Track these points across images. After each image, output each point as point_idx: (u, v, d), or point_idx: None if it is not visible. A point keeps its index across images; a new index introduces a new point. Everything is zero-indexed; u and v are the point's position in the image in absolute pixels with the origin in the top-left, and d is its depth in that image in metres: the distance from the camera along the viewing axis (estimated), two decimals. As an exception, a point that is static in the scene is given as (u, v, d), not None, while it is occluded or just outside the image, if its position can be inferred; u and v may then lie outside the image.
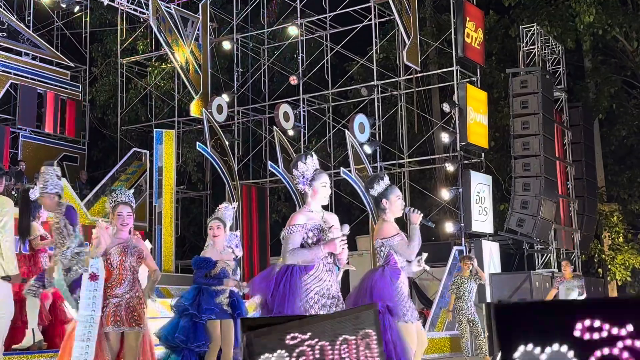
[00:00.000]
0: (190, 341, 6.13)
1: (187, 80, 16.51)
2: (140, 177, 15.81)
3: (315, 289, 4.44)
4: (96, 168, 19.41)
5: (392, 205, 5.18)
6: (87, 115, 18.38)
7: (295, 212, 4.67)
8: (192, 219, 19.56)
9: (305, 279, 4.44)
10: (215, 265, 6.35)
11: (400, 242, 5.05)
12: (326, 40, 17.79)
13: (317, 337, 2.09)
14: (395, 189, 5.26)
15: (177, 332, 6.12)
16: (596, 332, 1.68)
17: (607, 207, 18.83)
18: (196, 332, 6.16)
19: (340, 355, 2.12)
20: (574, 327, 1.70)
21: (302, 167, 4.61)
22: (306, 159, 4.62)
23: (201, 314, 6.18)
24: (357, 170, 14.49)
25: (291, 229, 4.47)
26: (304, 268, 4.45)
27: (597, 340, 1.68)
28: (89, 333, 4.95)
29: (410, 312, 5.00)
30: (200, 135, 17.28)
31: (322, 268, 4.51)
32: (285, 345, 2.03)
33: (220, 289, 6.38)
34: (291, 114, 16.04)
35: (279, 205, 19.59)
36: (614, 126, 19.96)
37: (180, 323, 6.19)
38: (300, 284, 4.39)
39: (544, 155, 14.82)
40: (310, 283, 4.45)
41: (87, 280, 5.07)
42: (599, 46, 20.19)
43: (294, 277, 4.40)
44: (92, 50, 19.73)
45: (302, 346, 2.06)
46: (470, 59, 15.18)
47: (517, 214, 14.70)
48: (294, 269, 4.43)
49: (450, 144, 15.21)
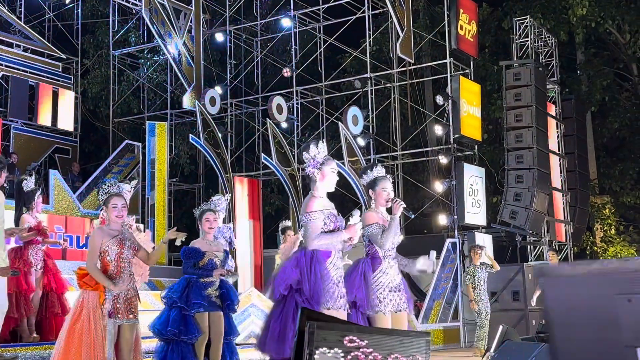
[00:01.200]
0: (182, 333, 6.16)
1: (180, 72, 16.44)
2: (132, 170, 15.75)
3: (333, 278, 4.53)
4: (88, 160, 19.35)
5: (377, 197, 5.19)
6: (79, 108, 18.29)
7: (308, 198, 4.69)
8: (185, 212, 19.52)
9: (326, 267, 4.51)
10: (203, 256, 6.35)
11: (375, 231, 5.04)
12: (319, 33, 17.75)
13: (373, 347, 2.24)
14: (383, 181, 5.22)
15: (170, 325, 6.13)
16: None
17: (599, 200, 18.91)
18: (187, 324, 6.18)
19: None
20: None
21: (313, 151, 4.69)
22: (318, 143, 4.68)
23: (189, 308, 6.20)
24: (351, 162, 14.48)
25: (310, 217, 4.55)
26: (324, 255, 4.50)
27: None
28: None
29: (385, 303, 4.98)
30: (193, 128, 17.24)
31: (337, 255, 4.58)
32: (342, 345, 2.16)
33: (209, 281, 6.38)
34: (284, 106, 16.01)
35: (272, 197, 19.58)
36: (606, 119, 20.03)
37: (171, 316, 6.20)
38: (325, 273, 4.45)
39: (537, 147, 14.85)
40: (330, 271, 4.54)
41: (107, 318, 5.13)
42: (592, 39, 20.25)
43: (321, 265, 4.47)
44: (84, 42, 19.62)
45: (357, 351, 2.20)
46: (463, 51, 15.18)
47: (510, 206, 14.74)
48: (320, 256, 4.49)
49: (443, 137, 15.22)
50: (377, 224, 5.06)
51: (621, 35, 20.06)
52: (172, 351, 6.17)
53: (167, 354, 6.20)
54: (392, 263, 5.13)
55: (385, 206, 5.21)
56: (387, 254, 5.10)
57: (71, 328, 5.10)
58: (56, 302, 7.75)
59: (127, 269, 5.31)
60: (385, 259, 5.08)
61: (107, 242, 5.25)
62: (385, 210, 5.29)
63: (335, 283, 4.53)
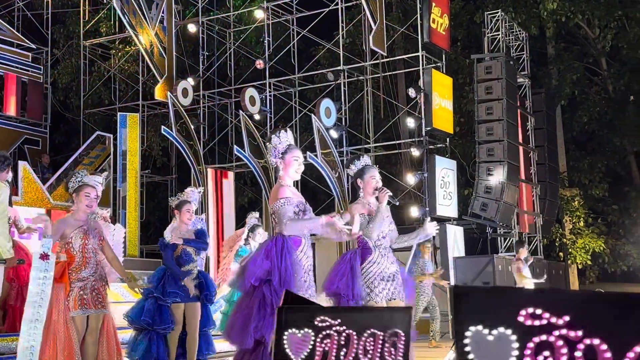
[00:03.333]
0: (156, 323, 6.16)
1: (152, 63, 16.32)
2: (104, 161, 15.61)
3: (304, 266, 4.55)
4: (58, 152, 19.12)
5: (366, 185, 5.21)
6: (49, 98, 18.06)
7: (277, 185, 4.70)
8: (157, 204, 19.42)
9: (297, 255, 4.52)
10: (176, 247, 6.36)
11: (361, 221, 5.06)
12: (292, 25, 17.72)
13: (346, 325, 2.18)
14: (371, 169, 5.26)
15: (143, 314, 6.13)
16: (537, 319, 1.81)
17: (569, 192, 19.18)
18: (162, 315, 6.18)
19: (364, 346, 2.19)
20: (519, 313, 1.82)
21: (275, 141, 4.70)
22: (280, 133, 4.68)
23: (165, 297, 6.20)
24: (324, 154, 14.51)
25: (283, 202, 4.54)
26: (294, 244, 4.51)
27: (537, 326, 1.81)
28: (37, 314, 4.87)
29: (377, 292, 5.01)
30: (165, 119, 17.12)
31: (307, 243, 4.59)
32: (313, 326, 2.14)
33: (186, 270, 6.39)
34: (257, 98, 15.97)
35: (245, 189, 19.54)
36: (575, 112, 20.29)
37: (145, 306, 6.20)
38: (297, 262, 4.46)
39: (507, 140, 15.01)
40: (302, 260, 4.54)
41: (37, 259, 4.97)
42: (562, 33, 20.47)
43: (292, 254, 4.48)
44: (54, 32, 19.36)
45: (330, 330, 2.16)
46: (435, 44, 15.27)
47: (481, 198, 14.89)
48: (290, 245, 4.49)
49: (415, 129, 15.32)
50: (363, 215, 5.07)
51: (591, 29, 20.32)
52: (143, 341, 6.17)
53: (138, 343, 6.20)
54: (385, 252, 5.13)
55: (373, 195, 5.19)
56: (378, 244, 5.10)
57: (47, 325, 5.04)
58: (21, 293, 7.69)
59: (93, 259, 5.26)
60: (376, 249, 5.09)
61: (71, 233, 5.19)
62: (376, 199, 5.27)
63: (307, 272, 4.56)
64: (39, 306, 4.87)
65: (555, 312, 1.80)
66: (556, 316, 1.80)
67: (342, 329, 2.18)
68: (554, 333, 1.80)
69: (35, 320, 4.88)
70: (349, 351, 2.17)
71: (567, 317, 1.79)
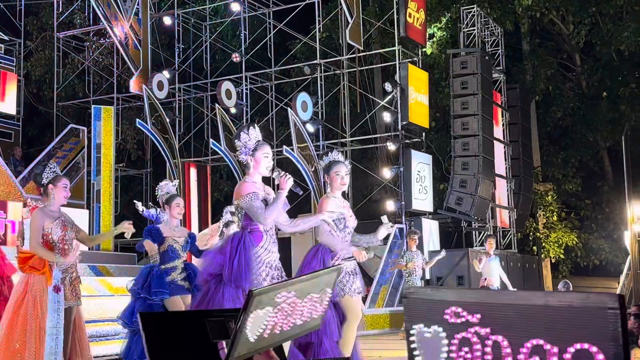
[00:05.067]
0: None
1: (127, 55, 16.17)
2: (77, 155, 15.45)
3: (265, 261, 4.50)
4: (31, 145, 18.90)
5: (331, 181, 5.19)
6: (22, 91, 17.82)
7: (241, 182, 4.66)
8: (132, 197, 19.25)
9: (256, 251, 4.47)
10: (164, 240, 6.33)
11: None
12: (269, 18, 17.66)
13: (295, 296, 2.44)
14: (337, 165, 5.19)
15: (134, 315, 6.13)
16: (458, 317, 2.01)
17: (542, 187, 19.38)
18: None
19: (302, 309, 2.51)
20: (445, 312, 2.02)
21: (244, 138, 4.62)
22: (249, 130, 4.63)
23: (152, 296, 6.19)
24: (300, 148, 14.51)
25: (250, 197, 4.48)
26: (255, 240, 4.48)
27: (458, 324, 2.01)
28: (56, 346, 5.02)
29: (349, 286, 5.03)
30: (140, 112, 16.99)
31: (269, 239, 4.56)
32: (273, 302, 2.35)
33: (171, 267, 6.38)
34: (233, 91, 15.92)
35: (221, 183, 19.47)
36: (549, 108, 20.49)
37: (135, 307, 6.20)
38: (254, 257, 4.43)
39: (482, 135, 15.12)
40: (261, 255, 4.50)
41: (51, 292, 5.09)
42: (537, 29, 20.65)
43: (247, 249, 4.43)
44: (27, 24, 19.10)
45: (284, 303, 2.39)
46: (412, 39, 15.32)
47: (456, 192, 14.99)
48: (248, 241, 4.45)
49: (391, 124, 15.37)
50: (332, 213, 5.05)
51: (565, 26, 20.52)
52: (138, 342, 6.16)
53: (132, 344, 6.19)
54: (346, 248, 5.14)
55: (340, 190, 5.18)
56: (345, 240, 5.05)
57: (15, 313, 5.02)
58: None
59: (70, 250, 5.25)
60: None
61: (49, 225, 5.16)
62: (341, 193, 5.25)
63: (269, 266, 4.51)
64: (56, 338, 4.97)
65: (470, 311, 1.99)
66: (471, 314, 1.99)
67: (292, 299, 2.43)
68: (470, 330, 1.99)
69: (55, 352, 5.00)
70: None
71: (479, 315, 1.97)
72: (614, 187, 19.88)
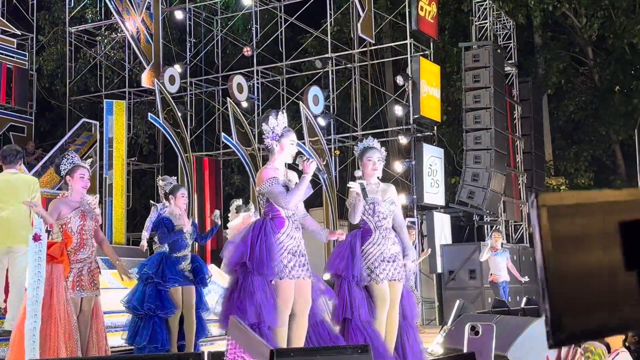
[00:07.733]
0: (159, 308, 6.20)
1: (138, 50, 16.20)
2: (90, 149, 15.51)
3: (288, 247, 4.51)
4: (44, 139, 18.98)
5: (363, 167, 5.22)
6: (34, 85, 17.90)
7: (261, 169, 4.68)
8: (144, 192, 19.34)
9: (278, 237, 4.49)
10: (174, 227, 6.39)
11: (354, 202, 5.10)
12: (280, 12, 17.65)
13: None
14: (369, 151, 5.22)
15: (146, 301, 6.15)
16: None
17: (554, 181, 19.30)
18: (163, 300, 6.24)
19: None
20: None
21: (272, 122, 4.64)
22: (277, 115, 4.65)
23: (165, 283, 6.24)
24: (311, 142, 14.50)
25: (271, 182, 4.50)
26: (276, 226, 4.49)
27: None
28: (37, 295, 4.87)
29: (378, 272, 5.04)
30: (151, 107, 17.03)
31: (292, 225, 4.57)
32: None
33: (182, 256, 6.43)
34: (245, 85, 15.92)
35: (232, 177, 19.51)
36: (562, 101, 20.39)
37: (146, 291, 6.23)
38: (275, 244, 4.45)
39: (494, 128, 15.06)
40: (283, 241, 4.51)
41: (31, 241, 4.95)
42: (549, 22, 20.54)
43: (269, 237, 4.44)
44: (39, 18, 19.17)
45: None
46: (423, 32, 15.27)
47: (468, 186, 14.95)
48: (269, 228, 4.46)
49: (403, 117, 15.33)
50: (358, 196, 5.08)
51: (577, 19, 20.40)
52: (145, 327, 6.19)
53: (139, 329, 6.23)
54: (386, 233, 5.15)
55: (373, 175, 5.21)
56: (379, 225, 5.11)
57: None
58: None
59: (89, 240, 5.28)
60: (377, 230, 5.11)
61: (68, 214, 5.18)
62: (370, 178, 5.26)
63: (292, 253, 4.53)
64: (37, 287, 4.87)
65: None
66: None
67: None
68: None
69: (36, 301, 4.89)
70: None
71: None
72: (626, 181, 19.76)
